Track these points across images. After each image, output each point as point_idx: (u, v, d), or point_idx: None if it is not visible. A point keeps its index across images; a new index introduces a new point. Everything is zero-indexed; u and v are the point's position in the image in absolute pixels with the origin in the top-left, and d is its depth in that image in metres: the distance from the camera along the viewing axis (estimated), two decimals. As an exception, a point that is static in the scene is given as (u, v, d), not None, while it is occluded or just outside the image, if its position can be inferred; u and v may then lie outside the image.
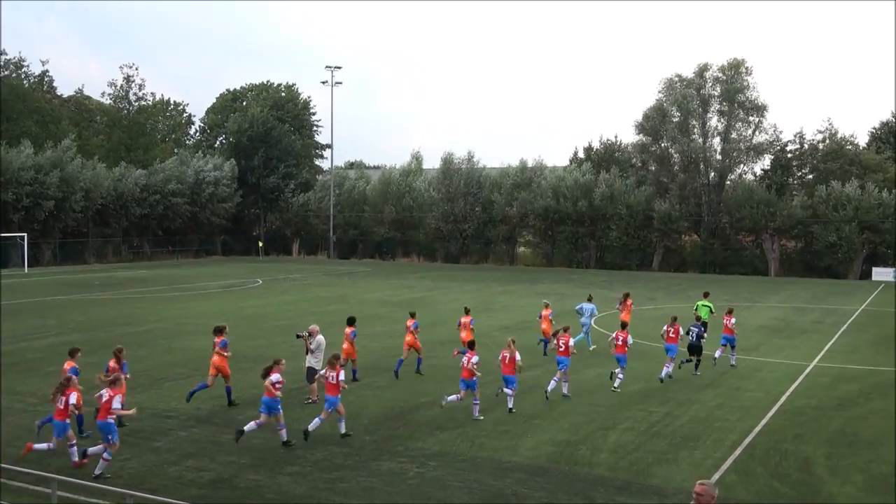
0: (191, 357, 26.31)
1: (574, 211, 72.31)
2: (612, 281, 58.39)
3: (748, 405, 20.48)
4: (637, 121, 73.31)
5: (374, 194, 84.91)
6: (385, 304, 42.02)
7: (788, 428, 18.37)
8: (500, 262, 78.56)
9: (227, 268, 68.86)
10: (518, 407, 19.80)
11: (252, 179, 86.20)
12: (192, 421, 18.56)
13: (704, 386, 22.65)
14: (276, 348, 27.76)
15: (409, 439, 17.20)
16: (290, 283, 54.35)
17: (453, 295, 47.28)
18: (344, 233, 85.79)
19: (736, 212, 68.46)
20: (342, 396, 17.30)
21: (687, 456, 16.17)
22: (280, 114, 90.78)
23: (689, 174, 70.93)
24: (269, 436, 17.27)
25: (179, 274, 61.08)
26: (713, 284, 54.59)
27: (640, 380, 23.04)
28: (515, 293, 47.76)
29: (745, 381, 23.49)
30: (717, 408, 20.16)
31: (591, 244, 74.11)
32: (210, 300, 43.67)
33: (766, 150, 71.34)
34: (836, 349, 29.35)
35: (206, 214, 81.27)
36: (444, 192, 79.44)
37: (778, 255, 68.54)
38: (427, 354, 26.66)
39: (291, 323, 34.54)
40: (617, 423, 18.62)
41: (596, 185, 72.29)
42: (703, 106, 71.57)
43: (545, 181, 74.74)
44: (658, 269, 70.79)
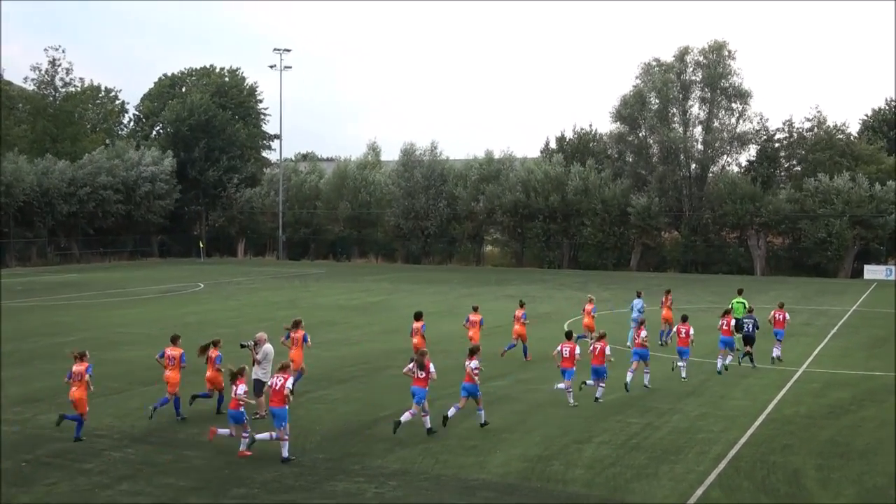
0: (125, 370, 25.98)
1: (545, 206, 72.65)
2: (587, 282, 58.75)
3: (733, 414, 20.69)
4: (613, 108, 73.94)
5: (327, 189, 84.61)
6: (340, 309, 41.87)
7: (776, 438, 18.58)
8: (466, 263, 78.68)
9: (166, 271, 68.15)
10: (490, 418, 19.77)
11: (192, 173, 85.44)
12: (126, 440, 18.33)
13: (686, 394, 22.85)
14: (219, 359, 27.50)
15: (367, 457, 17.13)
16: (235, 287, 53.93)
17: (414, 298, 47.21)
18: (294, 231, 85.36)
19: (719, 206, 69.23)
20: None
21: (668, 470, 16.28)
22: (223, 101, 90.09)
23: (669, 166, 71.60)
24: (211, 454, 17.10)
25: (112, 278, 60.33)
26: (695, 284, 55.20)
27: (617, 389, 23.17)
28: (482, 296, 47.83)
29: (730, 388, 23.74)
30: (700, 418, 20.34)
31: (563, 242, 74.49)
32: (146, 306, 43.18)
33: (750, 139, 72.26)
34: (827, 353, 29.77)
35: (142, 212, 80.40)
36: (405, 186, 79.40)
37: (764, 253, 69.43)
38: (386, 363, 26.60)
39: (237, 331, 34.23)
40: (593, 435, 18.70)
41: (569, 177, 72.69)
42: (683, 92, 72.27)
43: (514, 174, 74.99)
44: (636, 269, 71.37)
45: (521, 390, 23.31)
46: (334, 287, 54.55)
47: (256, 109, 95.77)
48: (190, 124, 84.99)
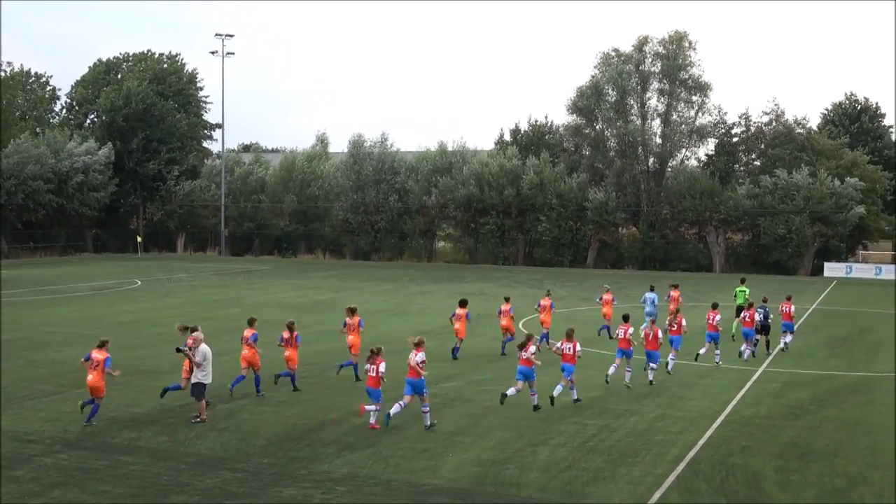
0: (57, 371, 25.58)
1: (500, 200, 72.92)
2: (543, 279, 59.09)
3: (692, 416, 20.95)
4: (569, 100, 74.45)
5: (273, 182, 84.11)
6: (286, 308, 41.62)
7: (735, 440, 18.85)
8: (418, 259, 78.70)
9: (100, 267, 67.19)
10: (440, 422, 19.83)
11: (130, 165, 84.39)
12: (58, 445, 18.05)
13: (644, 395, 23.09)
14: (157, 360, 27.23)
15: (314, 461, 17.07)
16: (174, 285, 53.37)
17: (364, 296, 47.10)
18: (238, 226, 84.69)
19: (678, 202, 70.02)
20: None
21: (625, 473, 16.44)
22: (161, 88, 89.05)
23: (627, 160, 72.28)
24: (149, 460, 16.92)
25: (43, 274, 59.34)
26: (653, 281, 55.74)
27: (577, 389, 23.30)
28: (434, 294, 47.89)
29: (689, 389, 24.03)
30: (659, 419, 20.56)
31: (518, 238, 74.83)
32: (79, 304, 42.56)
33: (709, 133, 73.20)
34: (787, 352, 30.26)
35: (75, 205, 79.17)
36: (354, 178, 79.17)
37: (723, 250, 70.39)
38: (334, 364, 26.51)
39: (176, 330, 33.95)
40: (548, 438, 18.81)
41: (524, 171, 73.02)
42: (641, 84, 72.94)
43: (468, 167, 75.15)
44: (593, 266, 71.92)
45: (473, 391, 23.38)
46: (280, 284, 54.24)
47: (197, 97, 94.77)
48: (126, 114, 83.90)
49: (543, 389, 22.27)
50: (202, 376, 19.91)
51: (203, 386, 19.91)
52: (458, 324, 28.19)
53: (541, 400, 21.51)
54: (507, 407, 21.51)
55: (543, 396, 21.70)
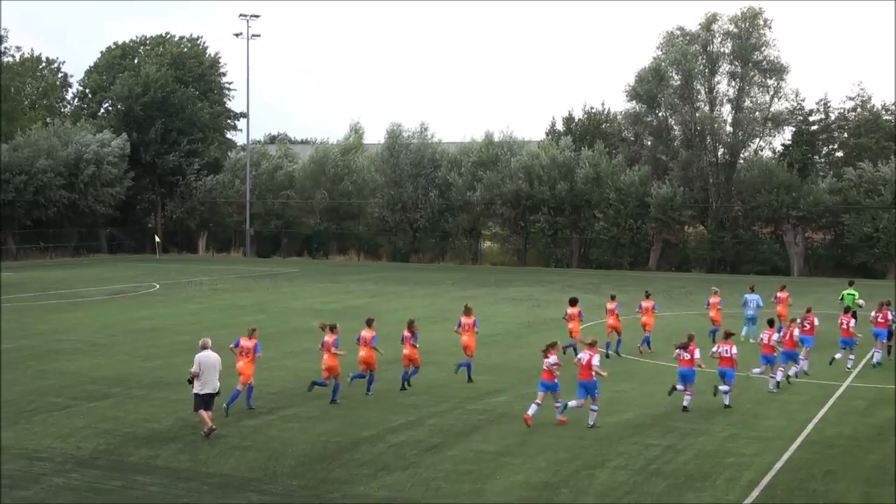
0: (68, 382, 25.92)
1: (551, 196, 72.69)
2: (601, 283, 58.79)
3: (768, 436, 20.73)
4: (629, 85, 73.85)
5: (302, 176, 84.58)
6: (316, 314, 41.74)
7: (817, 463, 18.63)
8: (461, 261, 78.71)
9: (115, 269, 67.98)
10: (486, 441, 19.81)
11: (147, 157, 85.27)
12: (69, 464, 18.28)
13: (714, 413, 22.87)
14: (177, 371, 27.46)
15: (348, 483, 17.11)
16: (195, 289, 53.84)
17: (402, 302, 47.17)
18: (264, 224, 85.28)
19: (751, 197, 69.34)
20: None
21: (693, 499, 16.30)
22: (181, 74, 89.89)
23: (694, 151, 71.68)
24: (168, 480, 17.04)
25: (54, 277, 60.17)
26: (724, 286, 55.21)
27: (634, 405, 23.18)
28: (479, 299, 47.80)
29: (764, 406, 23.78)
30: (730, 439, 20.37)
31: (572, 238, 74.55)
32: (92, 310, 43.07)
33: (786, 120, 72.38)
34: (875, 367, 29.82)
35: (88, 201, 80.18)
36: (390, 173, 79.38)
37: (802, 250, 69.57)
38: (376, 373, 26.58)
39: (197, 338, 34.14)
40: (607, 459, 18.71)
41: (578, 163, 72.74)
42: (710, 66, 72.31)
43: (516, 159, 75.00)
44: (656, 269, 71.46)
45: (523, 408, 23.24)
46: (310, 288, 54.50)
47: (220, 84, 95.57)
48: (144, 102, 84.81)
49: (649, 398, 22.10)
50: (198, 387, 20.05)
51: (197, 397, 20.03)
52: (572, 323, 30.10)
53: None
54: (561, 424, 21.40)
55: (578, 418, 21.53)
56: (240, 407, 22.40)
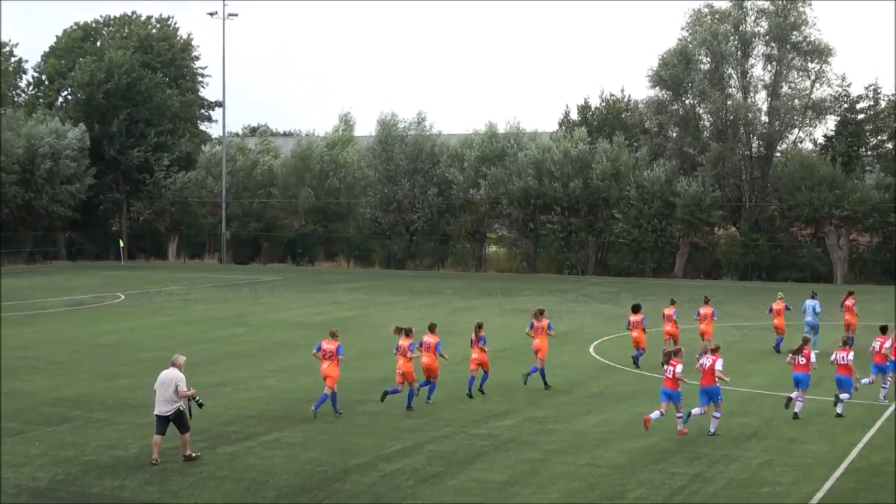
0: (23, 405, 25.92)
1: (565, 194, 72.71)
2: (620, 292, 58.78)
3: (807, 462, 20.78)
4: (652, 69, 73.94)
5: (285, 172, 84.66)
6: (301, 328, 41.86)
7: (862, 492, 18.67)
8: (463, 268, 78.71)
9: (76, 277, 67.99)
10: (491, 469, 19.85)
11: (110, 152, 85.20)
12: (24, 495, 18.32)
13: (747, 437, 22.92)
14: (145, 392, 27.46)
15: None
16: (164, 299, 53.88)
17: (397, 313, 47.18)
18: (242, 227, 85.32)
19: (789, 195, 69.36)
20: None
21: (723, 534, 16.33)
22: (149, 58, 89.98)
23: (725, 143, 71.68)
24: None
25: (7, 286, 60.07)
26: (758, 295, 55.26)
27: (657, 429, 23.21)
28: (484, 310, 47.83)
29: (803, 429, 23.80)
30: (765, 466, 20.41)
31: (588, 241, 74.59)
32: (51, 324, 43.09)
33: (829, 108, 72.39)
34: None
35: (44, 201, 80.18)
36: (383, 168, 79.42)
37: (846, 254, 69.57)
38: (360, 397, 26.62)
39: (167, 354, 34.08)
40: (627, 489, 18.75)
41: (595, 157, 72.75)
42: (742, 48, 72.40)
43: (524, 153, 75.07)
44: (682, 276, 71.44)
45: (533, 432, 23.35)
46: (294, 299, 54.55)
47: (192, 70, 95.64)
48: (107, 89, 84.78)
49: (673, 420, 22.17)
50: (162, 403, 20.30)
51: (157, 417, 20.30)
52: (636, 332, 31.87)
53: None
54: (574, 450, 21.46)
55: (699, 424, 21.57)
56: (216, 433, 22.47)
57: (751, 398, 26.88)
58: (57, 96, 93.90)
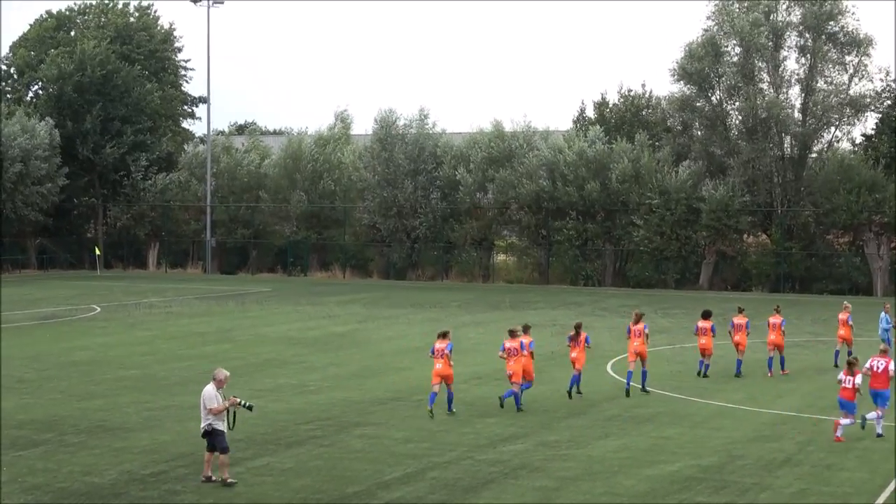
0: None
1: (580, 198, 72.65)
2: (640, 305, 58.25)
3: (845, 491, 20.76)
4: (676, 62, 73.91)
5: (275, 174, 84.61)
6: (292, 344, 41.84)
7: (905, 525, 18.64)
8: (469, 278, 78.60)
9: (47, 288, 67.97)
10: (500, 498, 19.82)
11: (84, 151, 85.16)
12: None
13: (779, 463, 22.88)
14: (122, 413, 27.53)
15: (331, 550, 17.15)
16: (144, 312, 53.88)
17: (397, 328, 47.17)
18: (229, 234, 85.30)
19: (825, 200, 69.28)
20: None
21: (753, 569, 16.33)
22: (127, 49, 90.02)
23: (756, 143, 71.62)
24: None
25: (-29, 298, 60.19)
26: (791, 308, 55.20)
27: (681, 454, 23.20)
28: (492, 325, 47.76)
29: (840, 454, 23.77)
30: (799, 496, 20.40)
31: (605, 249, 74.52)
32: (19, 339, 43.01)
33: (869, 105, 72.25)
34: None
35: (13, 205, 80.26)
36: (382, 169, 79.39)
37: (887, 264, 69.48)
38: (356, 419, 26.62)
39: (146, 372, 34.23)
40: (647, 520, 18.75)
41: (613, 158, 72.69)
42: (774, 39, 72.31)
43: (535, 154, 75.06)
44: (708, 287, 71.33)
45: (545, 457, 23.33)
46: (285, 312, 54.54)
47: (174, 62, 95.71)
48: (80, 83, 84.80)
49: (697, 444, 22.13)
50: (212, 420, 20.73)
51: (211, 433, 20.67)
52: (705, 338, 33.61)
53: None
54: (590, 477, 21.44)
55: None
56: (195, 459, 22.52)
57: (783, 421, 26.86)
58: (26, 91, 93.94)
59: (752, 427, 26.11)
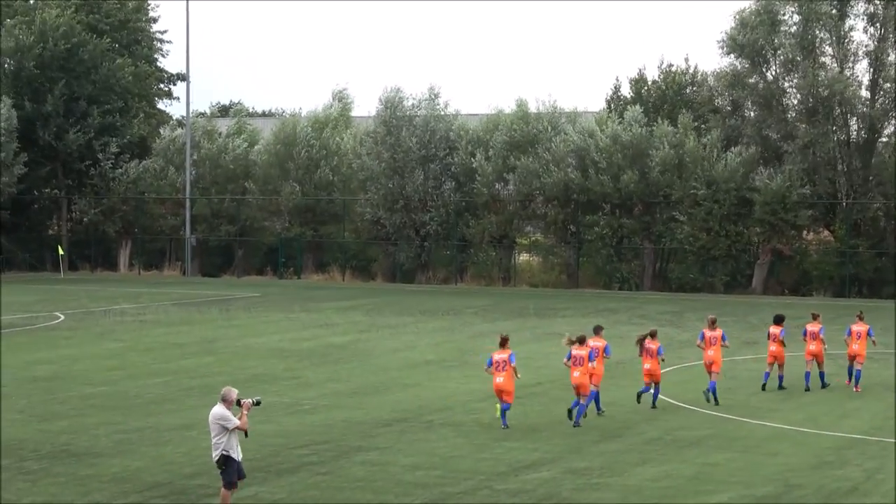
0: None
1: (614, 190, 72.54)
2: (684, 312, 58.63)
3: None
4: (724, 33, 73.85)
5: (265, 161, 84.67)
6: (283, 357, 41.86)
7: None
8: (487, 281, 78.56)
9: (3, 293, 68.02)
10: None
11: (45, 136, 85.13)
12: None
13: (844, 493, 22.75)
14: (90, 436, 27.56)
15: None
16: (114, 321, 53.94)
17: (404, 338, 47.14)
18: (211, 230, 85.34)
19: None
20: None
21: None
22: (95, 20, 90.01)
23: (817, 126, 71.48)
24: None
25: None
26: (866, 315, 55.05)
27: (730, 483, 23.16)
28: (514, 335, 47.33)
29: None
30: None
31: (644, 248, 74.42)
32: (-28, 351, 43.17)
33: (949, 82, 72.15)
34: None
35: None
36: (388, 156, 79.36)
37: (971, 265, 69.34)
38: (358, 443, 26.66)
39: (117, 390, 34.27)
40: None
41: (653, 144, 72.59)
42: (839, 6, 72.14)
43: (563, 138, 74.99)
44: (762, 291, 71.13)
45: (574, 487, 23.29)
46: (275, 320, 54.57)
47: (149, 34, 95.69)
48: (41, 57, 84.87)
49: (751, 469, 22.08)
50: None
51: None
52: (775, 346, 34.28)
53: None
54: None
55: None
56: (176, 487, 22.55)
57: (849, 445, 26.78)
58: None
59: (812, 452, 25.99)
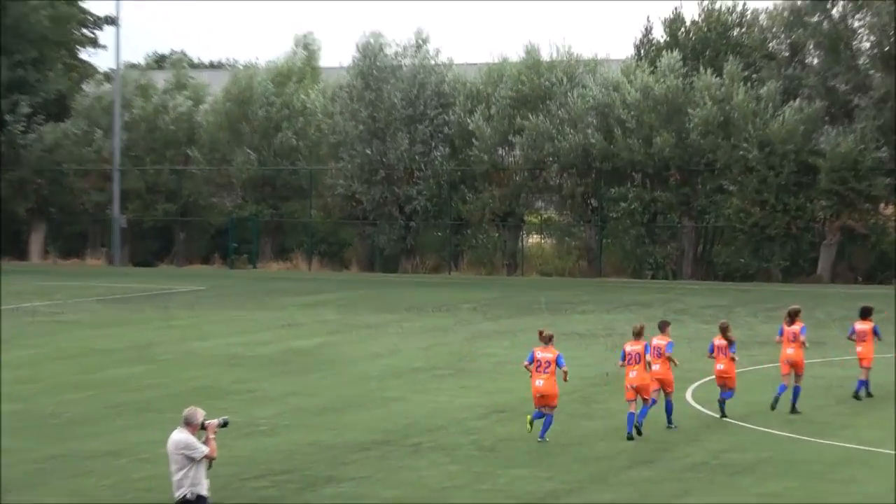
0: None
1: (646, 155, 72.53)
2: (734, 306, 58.58)
3: None
4: (779, -40, 73.91)
5: (213, 123, 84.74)
6: (234, 365, 41.75)
7: None
8: (488, 270, 78.60)
9: None
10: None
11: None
12: None
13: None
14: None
15: None
16: (24, 322, 53.85)
17: (385, 341, 47.09)
18: (145, 209, 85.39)
19: None
20: None
21: None
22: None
23: (895, 74, 71.51)
24: None
25: None
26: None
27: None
28: (520, 335, 47.49)
29: None
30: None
31: (682, 227, 74.40)
32: None
33: None
34: None
35: None
36: (366, 116, 79.25)
37: None
38: (328, 472, 26.48)
39: (28, 408, 34.10)
40: None
41: (693, 99, 72.50)
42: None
43: (581, 92, 74.90)
44: (830, 279, 71.10)
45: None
46: (225, 320, 54.62)
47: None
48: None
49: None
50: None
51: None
52: (862, 346, 34.12)
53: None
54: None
55: None
56: None
57: None
58: None
59: (893, 478, 25.78)
